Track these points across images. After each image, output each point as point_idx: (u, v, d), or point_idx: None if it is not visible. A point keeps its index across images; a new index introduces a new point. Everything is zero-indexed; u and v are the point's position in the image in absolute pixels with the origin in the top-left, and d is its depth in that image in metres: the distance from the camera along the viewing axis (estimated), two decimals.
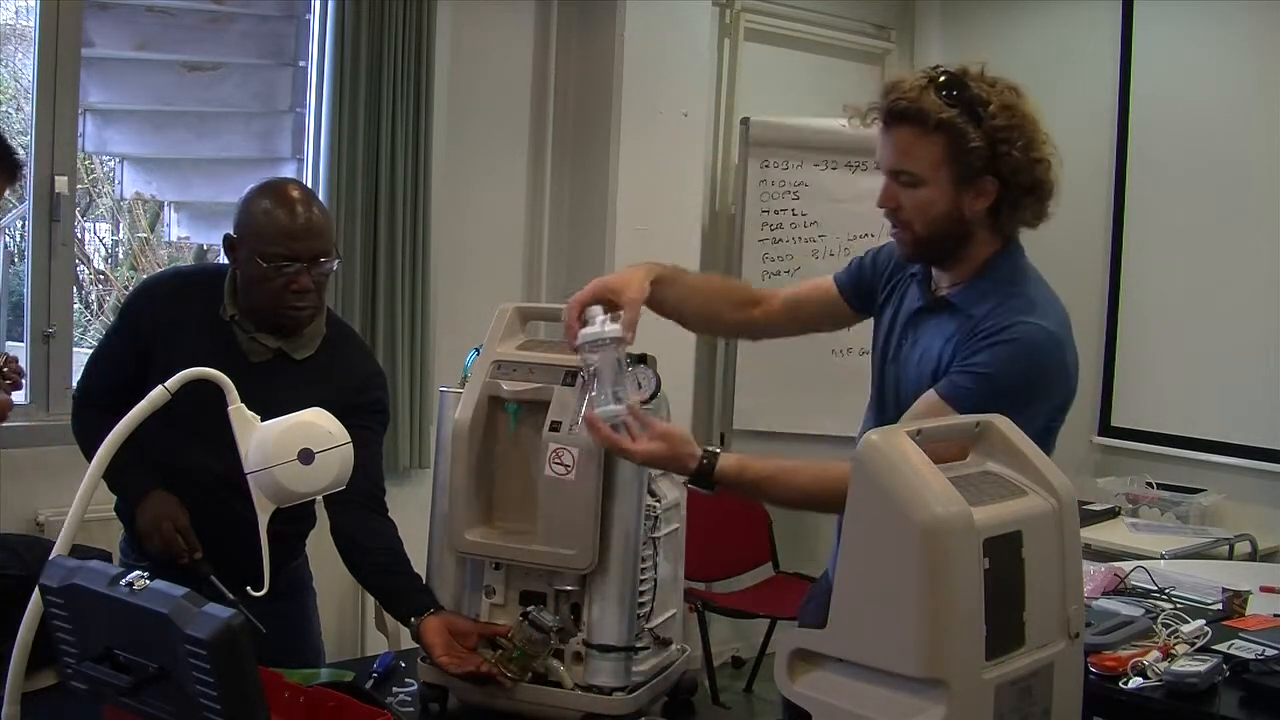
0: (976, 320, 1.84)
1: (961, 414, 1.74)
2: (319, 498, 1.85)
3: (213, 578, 1.99)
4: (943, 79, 1.82)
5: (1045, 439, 1.64)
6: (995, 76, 1.85)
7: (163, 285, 2.27)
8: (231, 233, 2.15)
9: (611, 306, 1.86)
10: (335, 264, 2.18)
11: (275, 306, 2.12)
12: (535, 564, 1.92)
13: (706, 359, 4.58)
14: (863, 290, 2.09)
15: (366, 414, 2.19)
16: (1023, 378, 1.79)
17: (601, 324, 1.81)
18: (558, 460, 1.87)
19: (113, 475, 2.00)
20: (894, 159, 1.85)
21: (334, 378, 2.19)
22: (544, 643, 1.87)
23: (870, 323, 2.10)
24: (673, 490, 2.05)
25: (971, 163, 1.81)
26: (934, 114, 1.79)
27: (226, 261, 2.20)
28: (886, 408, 1.98)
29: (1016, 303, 1.84)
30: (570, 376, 1.91)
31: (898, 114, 1.81)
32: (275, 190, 2.14)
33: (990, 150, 1.80)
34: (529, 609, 1.89)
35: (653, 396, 1.91)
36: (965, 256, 1.89)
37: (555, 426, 1.88)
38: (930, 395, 1.82)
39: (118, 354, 2.22)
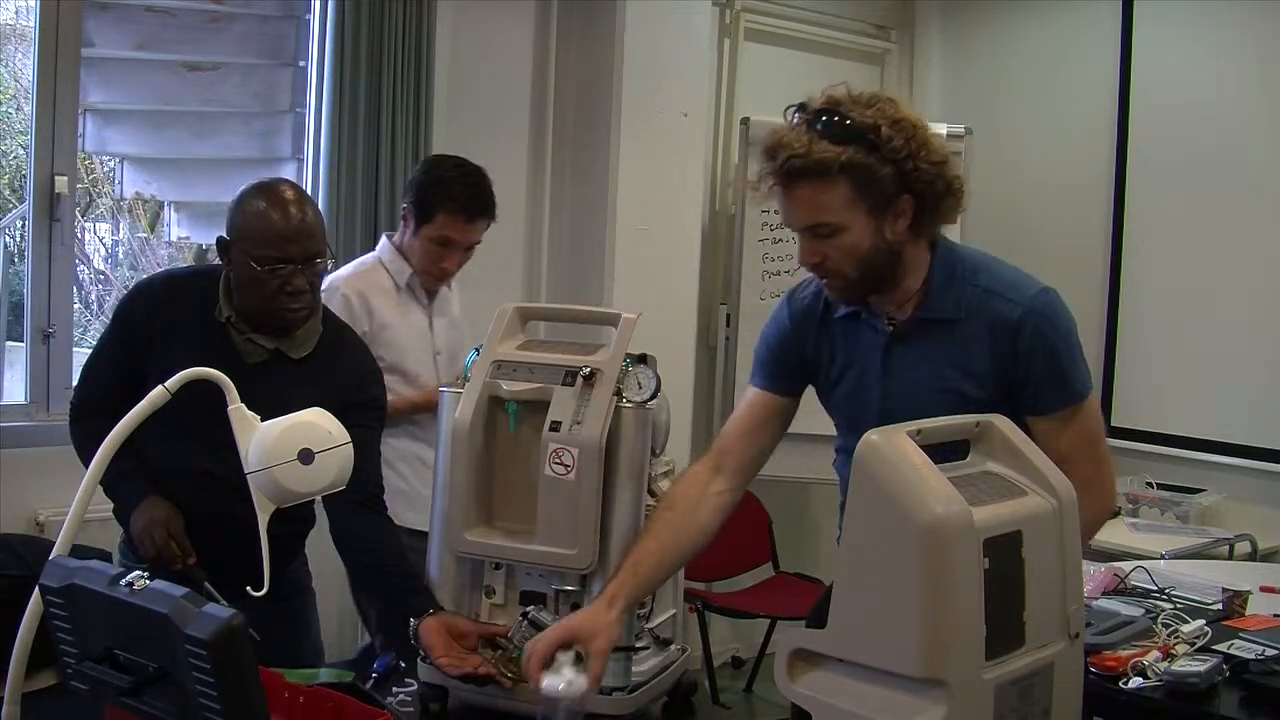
0: (992, 325, 1.84)
1: (1089, 397, 1.87)
2: (318, 497, 1.85)
3: (207, 585, 1.97)
4: (822, 121, 1.76)
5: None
6: (866, 94, 1.82)
7: (155, 288, 2.24)
8: (224, 235, 2.14)
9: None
10: (329, 263, 2.18)
11: (270, 308, 2.11)
12: (535, 564, 1.92)
13: (706, 360, 4.58)
14: (791, 374, 2.05)
15: (364, 412, 2.19)
16: (1075, 332, 1.87)
17: (566, 684, 1.71)
18: (558, 460, 1.87)
19: (107, 483, 2.00)
20: (806, 216, 1.80)
21: (331, 376, 2.18)
22: None
23: None
24: None
25: (884, 190, 1.78)
26: (833, 161, 1.74)
27: (220, 263, 2.19)
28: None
29: (1006, 289, 1.85)
30: (570, 376, 1.91)
31: (796, 173, 1.76)
32: (267, 191, 2.12)
33: (898, 172, 1.77)
34: (529, 609, 1.89)
35: (653, 396, 1.91)
36: (901, 276, 1.87)
37: (555, 426, 1.88)
38: (1057, 414, 1.84)
39: (113, 360, 2.20)
